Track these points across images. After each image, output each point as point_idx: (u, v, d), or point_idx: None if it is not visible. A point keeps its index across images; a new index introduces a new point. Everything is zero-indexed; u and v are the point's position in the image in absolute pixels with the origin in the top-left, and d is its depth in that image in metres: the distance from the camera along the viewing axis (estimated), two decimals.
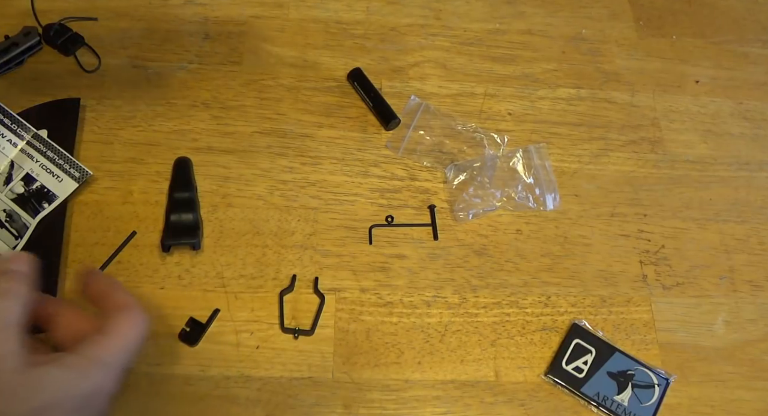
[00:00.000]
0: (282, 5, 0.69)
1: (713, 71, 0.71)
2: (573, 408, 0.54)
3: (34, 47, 0.62)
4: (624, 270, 0.60)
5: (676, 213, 0.63)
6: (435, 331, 0.56)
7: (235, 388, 0.52)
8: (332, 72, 0.66)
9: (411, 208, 0.60)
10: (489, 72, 0.68)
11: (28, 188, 0.56)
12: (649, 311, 0.59)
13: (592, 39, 0.71)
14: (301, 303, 0.56)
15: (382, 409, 0.53)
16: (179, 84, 0.63)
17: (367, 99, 0.64)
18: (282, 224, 0.58)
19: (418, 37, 0.69)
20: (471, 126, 0.64)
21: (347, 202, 0.60)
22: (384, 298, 0.56)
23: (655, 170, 0.65)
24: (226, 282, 0.55)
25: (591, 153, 0.65)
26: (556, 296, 0.58)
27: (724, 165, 0.66)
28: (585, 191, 0.63)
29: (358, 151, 0.62)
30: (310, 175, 0.61)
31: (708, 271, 0.61)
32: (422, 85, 0.66)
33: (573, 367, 0.55)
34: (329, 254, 0.58)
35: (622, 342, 0.57)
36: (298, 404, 0.52)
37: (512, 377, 0.55)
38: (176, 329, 0.53)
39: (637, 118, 0.67)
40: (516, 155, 0.63)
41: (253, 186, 0.60)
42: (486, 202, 0.61)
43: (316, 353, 0.54)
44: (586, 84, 0.69)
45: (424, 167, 0.62)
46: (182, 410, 0.51)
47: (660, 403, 0.55)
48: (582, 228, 0.61)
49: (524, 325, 0.57)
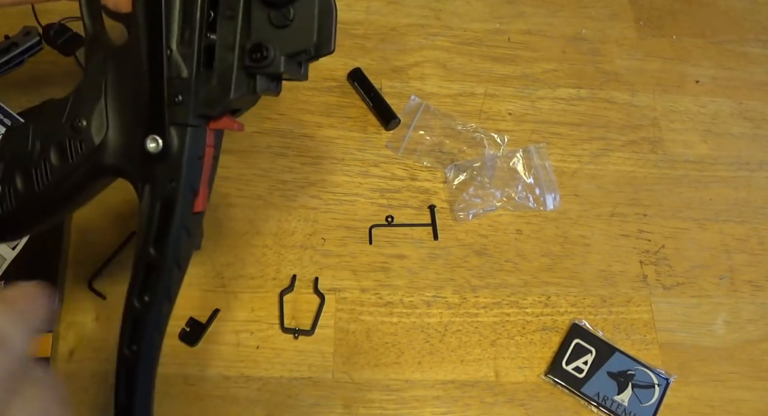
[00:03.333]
0: None
1: (713, 71, 0.71)
2: (573, 408, 0.54)
3: (34, 47, 0.62)
4: (624, 270, 0.60)
5: (676, 213, 0.63)
6: (435, 331, 0.56)
7: (235, 388, 0.52)
8: (332, 72, 0.66)
9: (411, 208, 0.60)
10: (489, 72, 0.68)
11: None
12: (649, 311, 0.59)
13: (592, 39, 0.71)
14: (301, 303, 0.56)
15: (382, 409, 0.53)
16: None
17: (367, 99, 0.64)
18: (282, 224, 0.58)
19: (418, 37, 0.69)
20: (471, 126, 0.64)
21: (347, 201, 0.60)
22: (384, 298, 0.56)
23: (655, 170, 0.65)
24: (226, 282, 0.55)
25: (591, 153, 0.65)
26: (556, 296, 0.58)
27: (724, 165, 0.66)
28: (585, 191, 0.63)
29: (358, 151, 0.62)
30: (310, 175, 0.61)
31: (708, 271, 0.61)
32: (422, 85, 0.66)
33: (573, 367, 0.55)
34: (329, 254, 0.58)
35: (622, 342, 0.57)
36: (298, 404, 0.52)
37: (512, 377, 0.55)
38: (176, 329, 0.53)
39: (637, 118, 0.67)
40: (516, 155, 0.63)
41: (253, 186, 0.60)
42: (486, 202, 0.61)
43: (316, 353, 0.54)
44: (586, 84, 0.69)
45: (424, 167, 0.62)
46: (182, 410, 0.51)
47: (660, 403, 0.55)
48: (582, 228, 0.61)
49: (524, 325, 0.57)
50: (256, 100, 0.38)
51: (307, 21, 0.34)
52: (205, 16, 0.35)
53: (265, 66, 0.33)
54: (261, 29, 0.34)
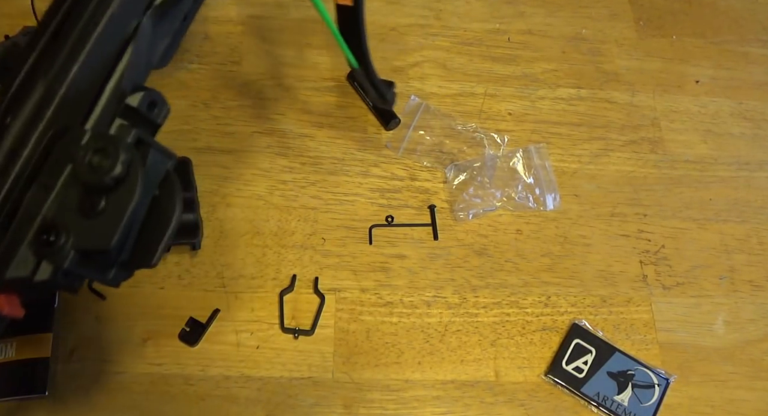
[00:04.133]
0: (282, 5, 0.69)
1: (713, 71, 0.71)
2: (573, 408, 0.54)
3: None
4: (624, 270, 0.60)
5: (676, 213, 0.63)
6: (435, 331, 0.56)
7: (235, 388, 0.52)
8: (332, 72, 0.66)
9: (411, 208, 0.60)
10: (489, 72, 0.68)
11: None
12: (649, 311, 0.59)
13: (592, 39, 0.71)
14: (301, 303, 0.56)
15: (382, 409, 0.53)
16: (179, 84, 0.63)
17: (367, 99, 0.64)
18: (282, 224, 0.58)
19: (418, 37, 0.69)
20: (471, 126, 0.64)
21: (347, 201, 0.60)
22: (384, 298, 0.56)
23: (655, 170, 0.65)
24: (226, 282, 0.55)
25: (591, 153, 0.65)
26: (556, 296, 0.58)
27: (724, 165, 0.66)
28: (585, 191, 0.63)
29: (358, 151, 0.62)
30: (310, 175, 0.61)
31: (708, 271, 0.61)
32: (422, 85, 0.66)
33: (573, 367, 0.55)
34: (329, 254, 0.58)
35: (622, 342, 0.57)
36: (298, 404, 0.52)
37: (512, 377, 0.55)
38: (176, 329, 0.53)
39: (637, 118, 0.67)
40: (516, 155, 0.63)
41: (253, 186, 0.60)
42: (486, 202, 0.61)
43: (316, 353, 0.54)
44: (586, 84, 0.69)
45: (424, 167, 0.62)
46: (182, 410, 0.51)
47: (660, 403, 0.55)
48: (582, 228, 0.61)
49: (524, 325, 0.57)
50: (43, 292, 0.32)
51: (115, 218, 0.28)
52: (24, 174, 0.30)
53: (50, 253, 0.28)
54: (66, 211, 0.29)
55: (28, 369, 0.50)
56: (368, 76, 0.50)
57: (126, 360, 0.52)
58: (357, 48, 0.48)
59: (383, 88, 0.53)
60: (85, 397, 0.51)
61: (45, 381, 0.49)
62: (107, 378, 0.51)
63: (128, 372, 0.52)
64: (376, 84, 0.52)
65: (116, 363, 0.52)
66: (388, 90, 0.54)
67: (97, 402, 0.51)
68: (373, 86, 0.52)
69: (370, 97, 0.55)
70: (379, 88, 0.53)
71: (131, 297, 0.54)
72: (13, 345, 0.50)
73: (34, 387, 0.49)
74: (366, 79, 0.51)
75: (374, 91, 0.53)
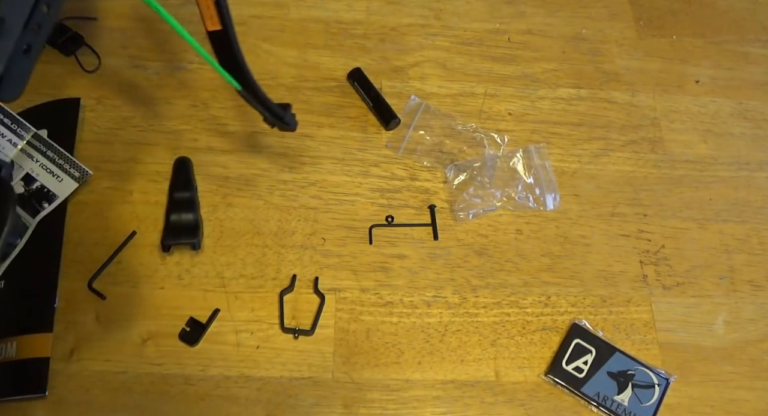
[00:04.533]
0: (282, 5, 0.69)
1: (713, 71, 0.71)
2: (573, 408, 0.54)
3: None
4: (624, 270, 0.60)
5: (676, 213, 0.63)
6: (435, 331, 0.56)
7: (235, 388, 0.52)
8: (332, 72, 0.66)
9: (411, 208, 0.60)
10: (489, 72, 0.68)
11: (28, 188, 0.56)
12: (649, 311, 0.59)
13: (592, 39, 0.71)
14: (301, 303, 0.56)
15: (382, 409, 0.53)
16: (179, 84, 0.63)
17: (367, 99, 0.64)
18: (282, 224, 0.58)
19: (418, 37, 0.69)
20: (471, 126, 0.64)
21: (347, 201, 0.60)
22: (384, 298, 0.56)
23: (655, 170, 0.65)
24: (226, 282, 0.55)
25: (591, 153, 0.65)
26: (556, 296, 0.58)
27: (724, 165, 0.66)
28: (585, 191, 0.63)
29: (358, 151, 0.62)
30: (310, 175, 0.61)
31: (708, 271, 0.61)
32: (422, 85, 0.66)
33: (573, 367, 0.55)
34: (329, 254, 0.58)
35: (622, 342, 0.57)
36: (298, 404, 0.52)
37: (512, 377, 0.55)
38: (176, 329, 0.53)
39: (637, 118, 0.67)
40: (516, 155, 0.63)
41: (253, 186, 0.60)
42: (486, 202, 0.61)
43: (316, 353, 0.54)
44: (586, 84, 0.69)
45: (424, 167, 0.62)
46: (182, 410, 0.51)
47: (660, 403, 0.55)
48: (582, 228, 0.61)
49: (524, 325, 0.57)
50: None
51: None
52: None
53: None
54: None
55: (28, 369, 0.50)
56: (256, 97, 0.49)
57: (126, 360, 0.52)
58: (237, 70, 0.46)
59: (277, 110, 0.51)
60: (85, 397, 0.51)
61: (45, 381, 0.49)
62: (107, 378, 0.51)
63: (128, 372, 0.52)
64: (268, 106, 0.50)
65: (116, 363, 0.52)
66: (285, 112, 0.51)
67: (97, 402, 0.51)
68: (265, 108, 0.50)
69: (266, 121, 0.52)
70: (273, 110, 0.51)
71: (131, 297, 0.54)
72: (13, 345, 0.50)
73: (34, 387, 0.49)
74: (254, 100, 0.49)
75: (267, 112, 0.51)
